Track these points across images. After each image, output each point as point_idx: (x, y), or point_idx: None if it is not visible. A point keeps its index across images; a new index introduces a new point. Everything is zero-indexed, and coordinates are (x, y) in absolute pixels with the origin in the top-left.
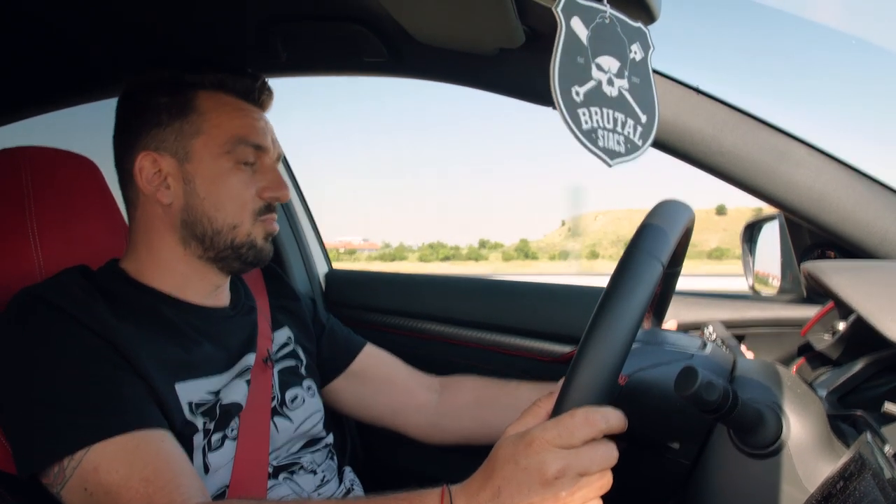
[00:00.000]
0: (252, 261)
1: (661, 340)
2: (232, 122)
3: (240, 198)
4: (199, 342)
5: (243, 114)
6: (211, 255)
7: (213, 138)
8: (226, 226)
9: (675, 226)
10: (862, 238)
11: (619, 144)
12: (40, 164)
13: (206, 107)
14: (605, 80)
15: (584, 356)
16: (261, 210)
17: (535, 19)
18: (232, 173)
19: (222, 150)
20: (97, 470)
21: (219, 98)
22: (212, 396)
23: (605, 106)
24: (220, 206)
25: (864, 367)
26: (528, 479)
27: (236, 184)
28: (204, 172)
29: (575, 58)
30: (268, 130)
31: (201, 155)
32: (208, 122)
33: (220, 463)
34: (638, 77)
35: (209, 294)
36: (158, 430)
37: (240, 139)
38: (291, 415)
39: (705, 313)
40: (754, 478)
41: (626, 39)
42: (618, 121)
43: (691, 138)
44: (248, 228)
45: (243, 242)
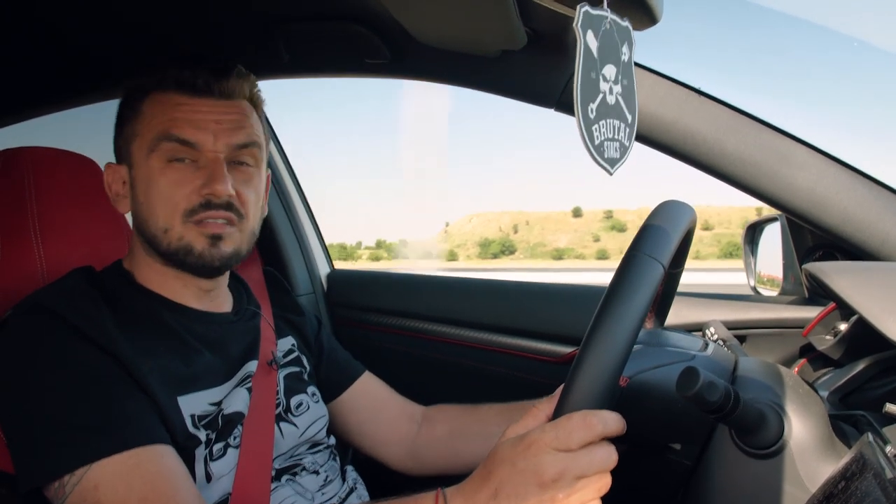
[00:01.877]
0: (196, 267)
1: (662, 341)
2: (161, 117)
3: (170, 199)
4: (199, 352)
5: (175, 108)
6: (163, 261)
7: (143, 137)
8: (158, 230)
9: (676, 227)
10: (863, 239)
11: (615, 151)
12: (42, 164)
13: (146, 108)
14: (607, 90)
15: (584, 359)
16: (193, 209)
17: (537, 21)
18: (162, 173)
19: (150, 149)
20: (97, 488)
21: (161, 97)
22: (214, 408)
23: (608, 116)
24: (152, 209)
25: (866, 367)
26: (525, 481)
27: (165, 184)
28: (141, 175)
29: (590, 74)
30: (207, 122)
31: (137, 158)
32: (142, 123)
33: (223, 471)
34: (626, 79)
35: (204, 298)
36: (159, 446)
37: (163, 135)
38: (297, 421)
39: (707, 314)
40: (756, 478)
41: (619, 43)
42: (614, 127)
43: (693, 140)
44: (179, 231)
45: (177, 248)
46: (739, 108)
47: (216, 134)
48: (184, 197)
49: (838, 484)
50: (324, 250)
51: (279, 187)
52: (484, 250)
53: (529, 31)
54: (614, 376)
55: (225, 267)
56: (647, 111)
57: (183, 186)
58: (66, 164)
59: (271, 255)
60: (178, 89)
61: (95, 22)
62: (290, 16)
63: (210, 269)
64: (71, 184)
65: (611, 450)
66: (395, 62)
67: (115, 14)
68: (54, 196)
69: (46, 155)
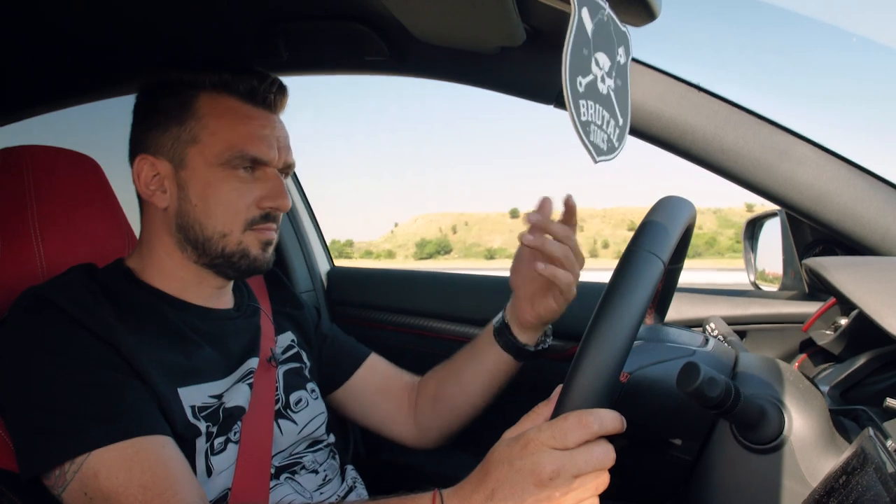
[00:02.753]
0: (246, 270)
1: (662, 337)
2: (231, 130)
3: (232, 206)
4: (199, 346)
5: (244, 121)
6: (205, 262)
7: (208, 147)
8: (216, 233)
9: (676, 222)
10: (864, 234)
11: (603, 142)
12: (42, 163)
13: (204, 111)
14: (599, 76)
15: (584, 357)
16: (255, 220)
17: (536, 18)
18: (225, 182)
19: (217, 161)
20: (97, 476)
21: (220, 102)
22: (214, 400)
23: (598, 102)
24: (210, 214)
25: (866, 362)
26: (522, 480)
27: (228, 192)
28: (197, 180)
29: (581, 49)
30: (273, 138)
31: (196, 163)
32: (206, 130)
33: (223, 466)
34: (620, 80)
35: (210, 297)
36: (159, 437)
37: (237, 152)
38: (296, 417)
39: (707, 309)
40: (757, 473)
41: (616, 41)
42: (604, 118)
43: (693, 136)
44: (239, 237)
45: (234, 251)
46: (738, 103)
47: (279, 151)
48: (245, 207)
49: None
50: (324, 248)
51: None
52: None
53: (528, 29)
54: (615, 374)
55: (268, 268)
56: (647, 107)
57: (245, 196)
58: (66, 162)
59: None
60: (244, 99)
61: (94, 19)
62: (290, 14)
63: (259, 271)
64: (71, 182)
65: (608, 448)
66: (395, 59)
67: (113, 11)
68: (54, 194)
69: (46, 153)
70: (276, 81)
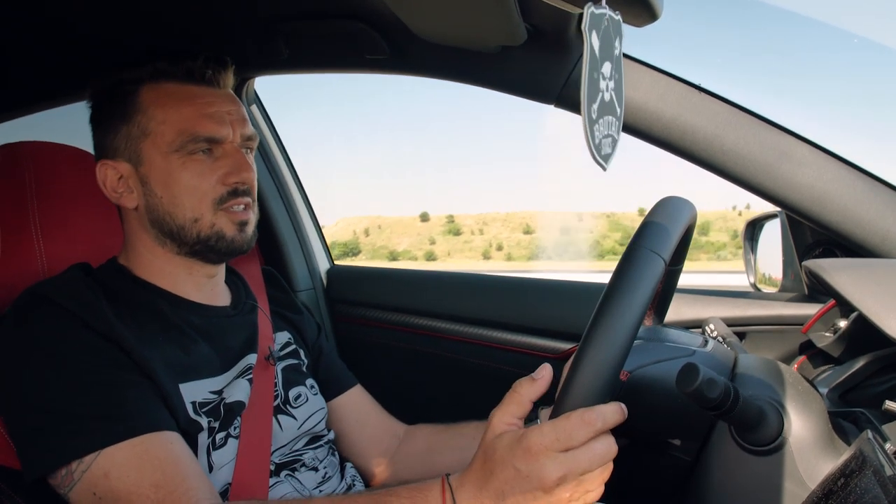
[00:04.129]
0: (226, 251)
1: (662, 337)
2: (177, 114)
3: (197, 190)
4: (196, 342)
5: (188, 102)
6: (186, 251)
7: (160, 136)
8: (187, 221)
9: (676, 222)
10: (863, 236)
11: (609, 147)
12: (42, 159)
13: (148, 102)
14: (605, 87)
15: (584, 356)
16: (222, 198)
17: (537, 17)
18: (184, 167)
19: (170, 148)
20: (107, 475)
21: (161, 89)
22: (215, 396)
23: (605, 114)
24: (177, 202)
25: (866, 364)
26: (530, 486)
27: (190, 177)
28: (156, 172)
29: (593, 74)
30: (222, 113)
31: (151, 156)
32: (153, 120)
33: (223, 461)
34: (617, 73)
35: (204, 287)
36: (167, 433)
37: (188, 136)
38: (295, 412)
39: (707, 310)
40: (755, 475)
41: (612, 36)
42: (608, 123)
43: (693, 137)
44: (211, 219)
45: (209, 234)
46: (739, 104)
47: (232, 125)
48: (210, 187)
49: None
50: (324, 246)
51: (279, 183)
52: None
53: (529, 28)
54: (615, 372)
55: (248, 248)
56: (647, 107)
57: (207, 177)
58: (67, 158)
59: (271, 252)
60: (184, 80)
61: (95, 17)
62: (289, 12)
63: (238, 252)
64: (71, 178)
65: (610, 441)
66: (395, 58)
67: (114, 9)
68: (55, 191)
69: (47, 150)
70: (212, 58)
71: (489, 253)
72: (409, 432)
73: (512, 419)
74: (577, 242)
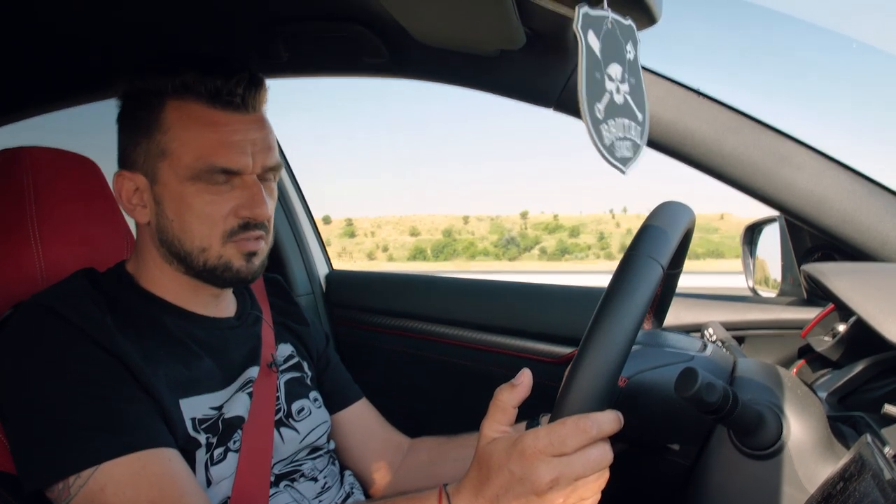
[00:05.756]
0: (232, 281)
1: (661, 342)
2: (198, 141)
3: (208, 219)
4: (199, 356)
5: (211, 129)
6: (192, 273)
7: (177, 160)
8: (195, 248)
9: (675, 227)
10: (863, 241)
11: (628, 150)
12: (41, 164)
13: (171, 121)
14: (614, 89)
15: (582, 361)
16: (234, 230)
17: (536, 21)
18: (198, 196)
19: (187, 175)
20: (104, 490)
21: (185, 109)
22: (214, 412)
23: (618, 115)
24: (186, 230)
25: (865, 368)
26: (524, 490)
27: (202, 206)
28: (170, 196)
29: (594, 74)
30: (245, 143)
31: (167, 178)
32: (174, 142)
33: (223, 475)
34: (633, 77)
35: (209, 303)
36: (166, 450)
37: (205, 165)
38: (298, 426)
39: (705, 315)
40: (754, 479)
41: (623, 40)
42: (625, 126)
43: (692, 141)
44: (219, 251)
45: (216, 265)
46: (738, 108)
47: (254, 155)
48: (221, 218)
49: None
50: (322, 251)
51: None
52: None
53: (528, 31)
54: (613, 378)
55: (254, 279)
56: None
57: (220, 207)
58: (66, 164)
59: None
60: (209, 102)
61: (94, 20)
62: (289, 15)
63: (244, 282)
64: (70, 184)
65: (605, 448)
66: (394, 62)
67: (113, 12)
68: (53, 196)
69: (45, 155)
70: (244, 77)
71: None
72: (412, 445)
73: (500, 427)
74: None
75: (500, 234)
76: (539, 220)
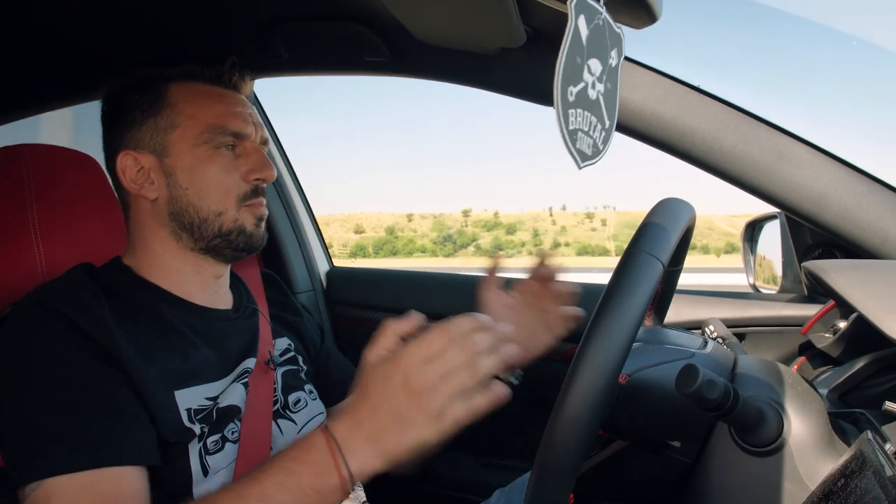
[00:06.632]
0: (243, 247)
1: (661, 339)
2: (208, 110)
3: (223, 184)
4: (197, 346)
5: (218, 100)
6: (202, 246)
7: (189, 129)
8: (211, 213)
9: (675, 224)
10: (863, 237)
11: (588, 148)
12: (42, 161)
13: (177, 98)
14: (590, 82)
15: (583, 356)
16: (246, 194)
17: (537, 19)
18: (211, 160)
19: (199, 141)
20: (49, 501)
21: (190, 87)
22: (210, 402)
23: (586, 108)
24: (203, 195)
25: (865, 365)
26: (397, 393)
27: (217, 170)
28: (183, 164)
29: (575, 57)
30: (247, 115)
31: (179, 148)
32: (182, 114)
33: (221, 465)
34: (611, 82)
35: (209, 289)
36: (123, 468)
37: (216, 128)
38: (295, 417)
39: (706, 312)
40: (755, 476)
41: (609, 44)
42: (591, 124)
43: (692, 138)
44: (234, 214)
45: (231, 229)
46: (738, 105)
47: (255, 126)
48: (235, 183)
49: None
50: (323, 248)
51: (279, 185)
52: None
53: (529, 30)
54: (613, 374)
55: (261, 246)
56: (647, 109)
57: (232, 173)
58: (66, 161)
59: (271, 254)
60: (213, 82)
61: (95, 18)
62: (289, 14)
63: (255, 248)
64: (71, 181)
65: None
66: (395, 60)
67: (114, 10)
68: (54, 194)
69: (46, 152)
70: (235, 64)
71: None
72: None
73: (380, 351)
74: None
75: (440, 232)
76: (480, 218)
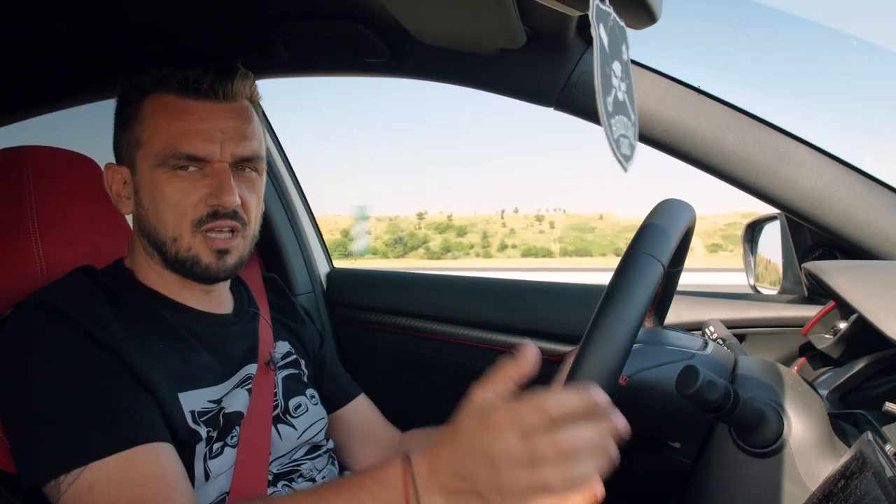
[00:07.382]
0: (202, 277)
1: (662, 340)
2: (166, 129)
3: (178, 208)
4: (197, 350)
5: (179, 117)
6: (168, 266)
7: (149, 148)
8: (167, 238)
9: (675, 225)
10: (863, 238)
11: (627, 148)
12: (42, 163)
13: (147, 111)
14: (616, 86)
15: (584, 357)
16: (202, 219)
17: (536, 20)
18: (168, 183)
19: (156, 162)
20: (92, 489)
21: (160, 100)
22: (214, 405)
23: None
24: (160, 217)
25: (865, 366)
26: (480, 460)
27: (172, 193)
28: (145, 184)
29: (605, 67)
30: (214, 130)
31: (142, 167)
32: (147, 131)
33: (220, 469)
34: (628, 78)
35: (202, 299)
36: (155, 445)
37: (170, 150)
38: (295, 422)
39: (706, 313)
40: (756, 477)
41: (620, 40)
42: (625, 125)
43: (693, 139)
44: (188, 241)
45: (185, 257)
46: (738, 106)
47: (222, 143)
48: (191, 206)
49: (838, 482)
50: (323, 249)
51: (279, 187)
52: None
53: (529, 30)
54: (613, 376)
55: (229, 277)
56: (646, 110)
57: (189, 195)
58: (66, 163)
59: (271, 255)
60: (180, 92)
61: (94, 20)
62: (289, 15)
63: (215, 279)
64: (71, 183)
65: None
66: (395, 61)
67: (113, 12)
68: (54, 195)
69: (46, 154)
70: (213, 67)
71: None
72: (402, 439)
73: (486, 393)
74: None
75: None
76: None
